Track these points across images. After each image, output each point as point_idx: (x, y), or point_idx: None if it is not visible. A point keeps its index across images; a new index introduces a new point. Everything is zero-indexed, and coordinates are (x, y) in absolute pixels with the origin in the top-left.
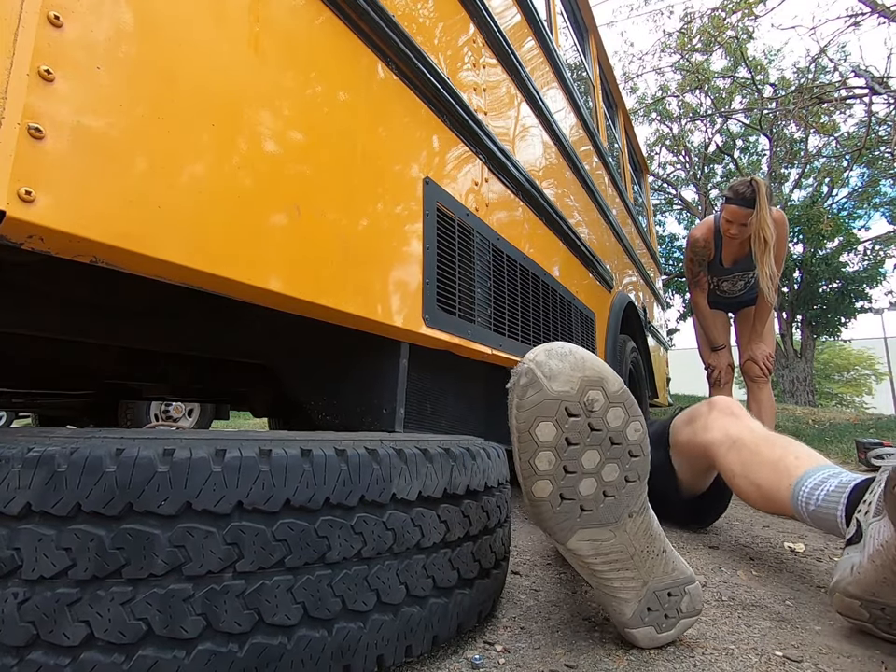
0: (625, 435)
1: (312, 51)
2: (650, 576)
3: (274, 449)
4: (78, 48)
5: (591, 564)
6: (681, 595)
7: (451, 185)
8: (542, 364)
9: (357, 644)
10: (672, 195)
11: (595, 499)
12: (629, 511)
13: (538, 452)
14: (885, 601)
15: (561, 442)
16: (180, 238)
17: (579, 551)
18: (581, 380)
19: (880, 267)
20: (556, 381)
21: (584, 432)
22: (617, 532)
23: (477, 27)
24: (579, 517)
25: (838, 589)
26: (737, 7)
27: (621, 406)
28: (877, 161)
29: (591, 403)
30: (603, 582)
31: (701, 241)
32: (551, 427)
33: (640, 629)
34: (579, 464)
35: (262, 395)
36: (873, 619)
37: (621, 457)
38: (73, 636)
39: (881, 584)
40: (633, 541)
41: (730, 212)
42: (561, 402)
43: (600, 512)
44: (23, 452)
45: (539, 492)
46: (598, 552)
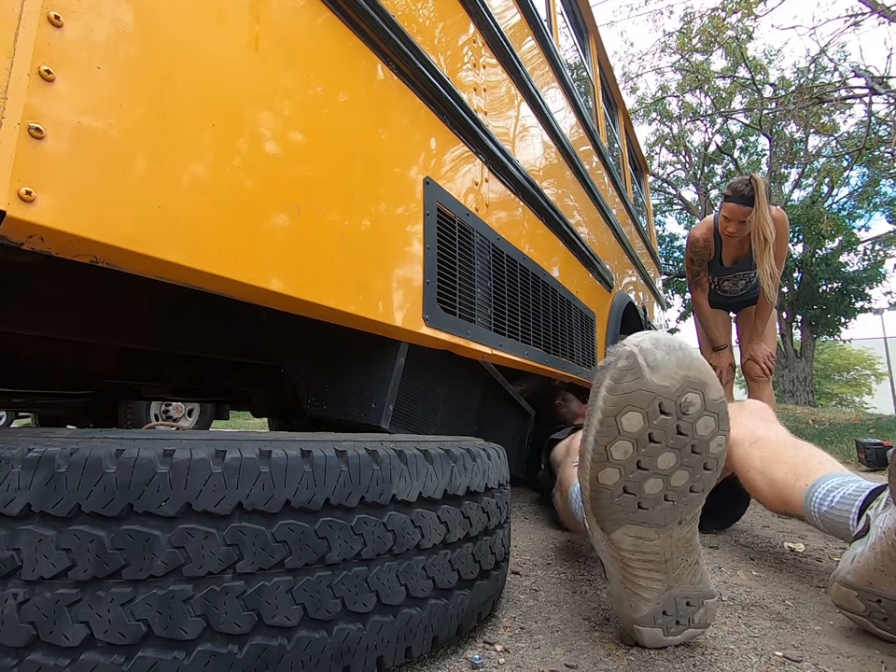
0: (708, 446)
1: (312, 51)
2: (676, 582)
3: (274, 450)
4: (79, 48)
5: (626, 558)
6: (698, 607)
7: (451, 185)
8: (647, 352)
9: (357, 645)
10: (672, 195)
11: (654, 500)
12: (681, 518)
13: (617, 440)
14: (881, 591)
15: (644, 437)
16: (181, 238)
17: (620, 543)
18: (684, 379)
19: (880, 267)
20: (658, 373)
21: (670, 433)
22: (662, 535)
23: (477, 27)
24: (633, 513)
25: (837, 579)
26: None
27: (714, 416)
28: (877, 161)
29: (686, 406)
30: (629, 577)
31: (701, 240)
32: (639, 418)
33: (649, 629)
34: (653, 462)
35: (262, 395)
36: (868, 611)
37: (695, 466)
38: (73, 636)
39: (879, 573)
40: (673, 547)
41: (728, 209)
42: (657, 397)
43: (655, 513)
44: (23, 452)
45: (604, 479)
46: (638, 549)
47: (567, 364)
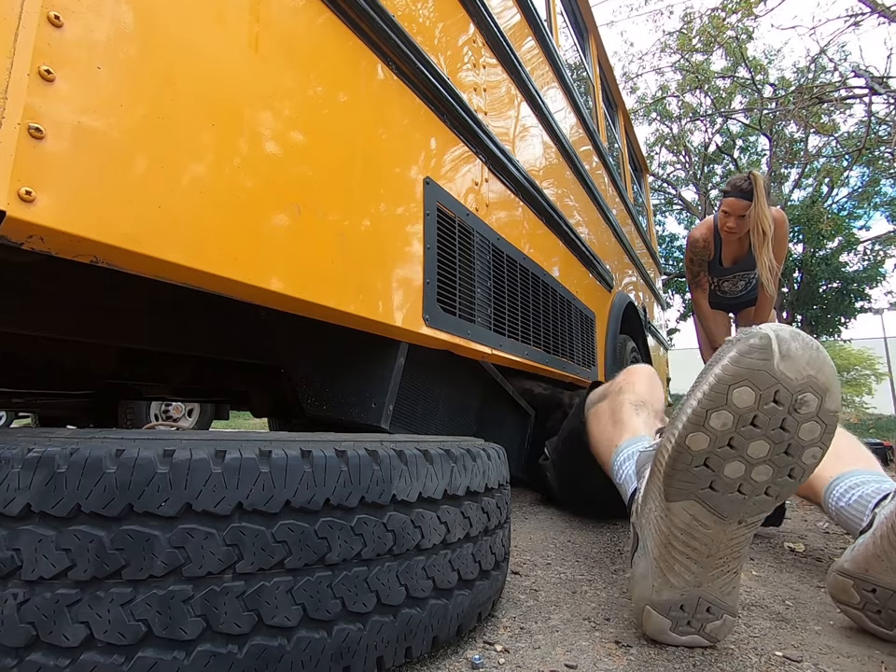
0: (803, 452)
1: (312, 51)
2: (708, 583)
3: (274, 450)
4: (79, 47)
5: (673, 535)
6: (716, 618)
7: (451, 185)
8: (783, 340)
9: (357, 645)
10: (672, 195)
11: (728, 486)
12: (744, 517)
13: (720, 409)
14: (876, 579)
15: (748, 416)
16: (181, 238)
17: (675, 516)
18: (809, 378)
19: (880, 267)
20: (786, 362)
21: (774, 424)
22: (718, 527)
23: (477, 27)
24: (702, 489)
25: (835, 568)
26: (737, 7)
27: (823, 426)
28: (877, 161)
29: (801, 404)
30: (666, 557)
31: (700, 241)
32: (752, 396)
33: (660, 616)
34: (745, 446)
35: (262, 395)
36: (863, 603)
37: (781, 467)
38: (72, 637)
39: (875, 558)
40: (722, 545)
41: (728, 204)
42: (777, 383)
43: (723, 501)
44: (23, 452)
45: (692, 443)
46: (689, 530)
47: (567, 364)
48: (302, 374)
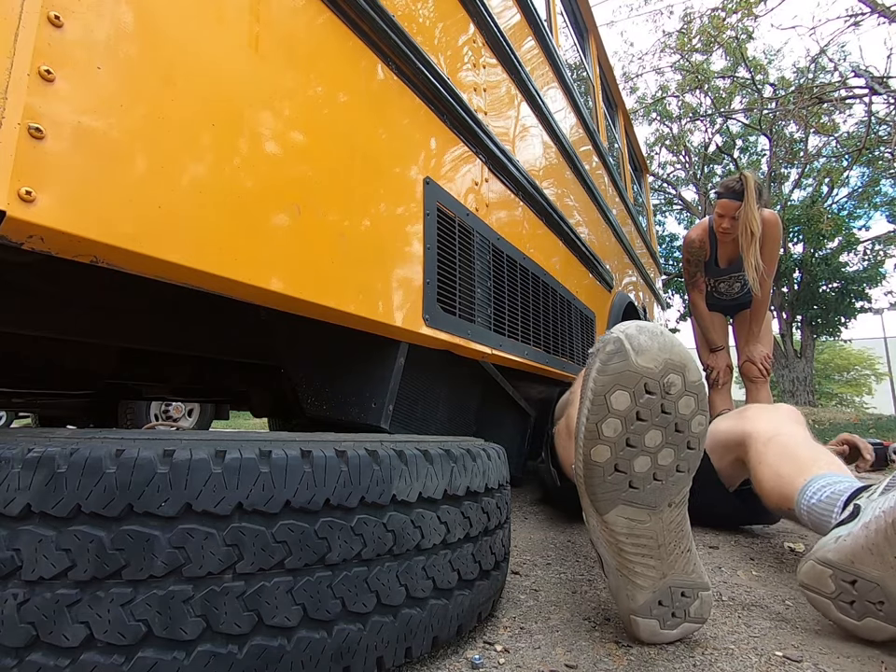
0: (690, 425)
1: (312, 52)
2: (670, 570)
3: (274, 450)
4: (79, 47)
5: (620, 542)
6: (693, 599)
7: (451, 185)
8: (632, 337)
9: (357, 646)
10: (672, 195)
11: (644, 479)
12: (671, 500)
13: (607, 418)
14: (860, 572)
15: (631, 415)
16: (181, 238)
17: (614, 525)
18: (666, 361)
19: (880, 267)
20: (643, 356)
21: (655, 411)
22: (654, 517)
23: (477, 27)
24: (625, 492)
25: (813, 557)
26: (737, 7)
27: (694, 397)
28: (877, 161)
29: (669, 386)
30: (625, 563)
31: (696, 241)
32: (626, 397)
33: (646, 619)
34: (641, 440)
35: (262, 395)
36: (837, 593)
37: (679, 445)
38: (72, 637)
39: (866, 551)
40: (665, 531)
41: (721, 206)
42: (642, 377)
43: (645, 493)
44: (23, 452)
45: (596, 456)
46: (631, 532)
47: (567, 364)
48: (302, 374)
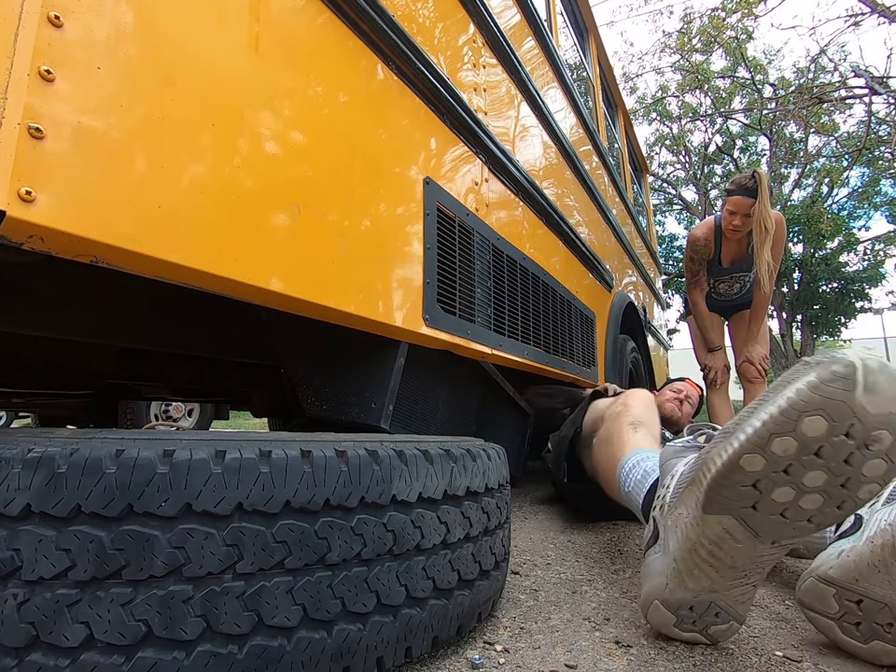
0: (859, 488)
1: (312, 52)
2: (724, 591)
3: (274, 450)
4: (79, 47)
5: (700, 543)
6: (722, 623)
7: (451, 185)
8: (870, 370)
9: (357, 646)
10: (672, 195)
11: (772, 509)
12: (779, 540)
13: (786, 435)
14: (866, 590)
15: (812, 447)
16: (181, 238)
17: (708, 528)
18: (890, 415)
19: (880, 267)
20: (869, 396)
21: (839, 457)
22: (749, 544)
23: (477, 27)
24: (744, 508)
25: (815, 574)
26: (737, 7)
27: (889, 466)
28: (877, 161)
29: (874, 441)
30: (688, 561)
31: (702, 239)
32: (823, 427)
33: (667, 612)
34: (802, 474)
35: (262, 395)
36: (841, 613)
37: (832, 499)
38: (72, 637)
39: (872, 568)
40: (748, 560)
41: (733, 202)
42: (853, 417)
43: (762, 521)
44: (24, 453)
45: (746, 463)
46: (719, 542)
47: (567, 364)
48: (302, 374)
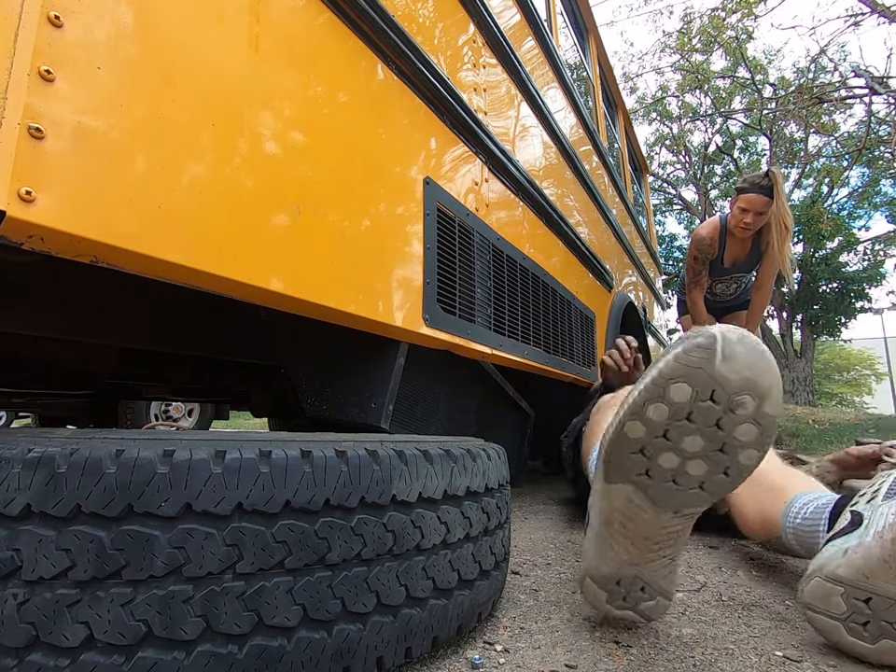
0: (738, 452)
1: (312, 52)
2: (644, 564)
3: (274, 450)
4: (79, 47)
5: (611, 515)
6: (650, 598)
7: (451, 185)
8: (728, 341)
9: (357, 646)
10: (672, 195)
11: (662, 475)
12: (679, 509)
13: (657, 402)
14: (876, 588)
15: (683, 412)
16: (181, 238)
17: (614, 497)
18: (748, 380)
19: (880, 267)
20: (727, 364)
21: (710, 421)
22: (653, 513)
23: (477, 27)
24: (638, 475)
25: (822, 573)
26: (737, 7)
27: (759, 428)
28: (877, 161)
29: (737, 405)
30: (605, 534)
31: (707, 239)
32: (688, 393)
33: (597, 588)
34: (680, 439)
35: (262, 395)
36: (848, 613)
37: (716, 465)
38: (72, 637)
39: (881, 563)
40: (657, 531)
41: (747, 200)
42: (714, 383)
43: (658, 489)
44: (23, 453)
45: (629, 430)
46: (626, 513)
47: (567, 364)
48: (302, 374)
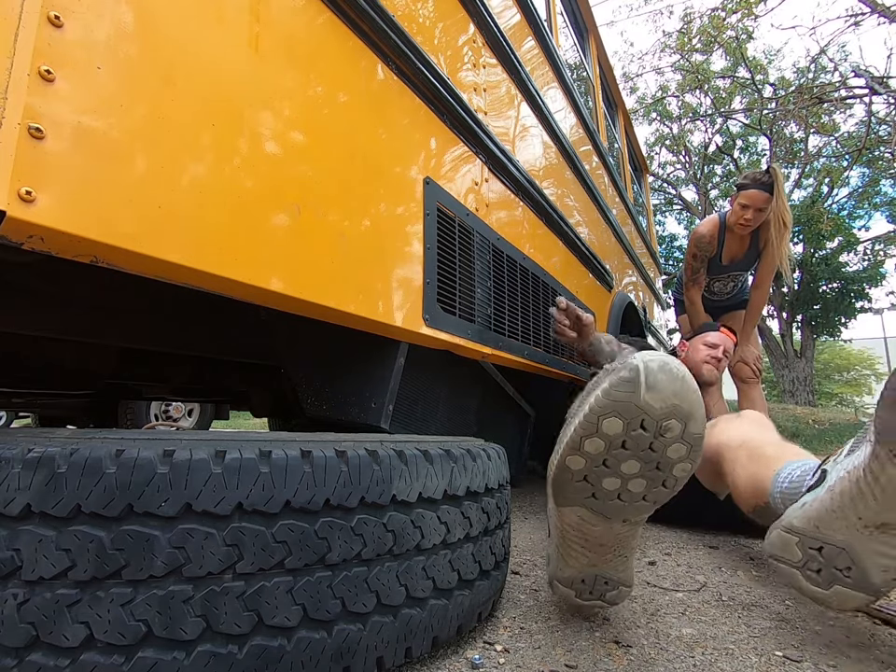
0: (672, 468)
1: (312, 52)
2: (602, 564)
3: (274, 450)
4: (79, 47)
5: (566, 531)
6: (613, 588)
7: (451, 185)
8: (650, 372)
9: (357, 646)
10: (672, 195)
11: (608, 495)
12: (627, 518)
13: (593, 436)
14: (826, 536)
15: (617, 441)
16: (181, 238)
17: (566, 518)
18: (673, 406)
19: (880, 267)
20: (652, 393)
21: (642, 446)
22: (604, 525)
23: (477, 27)
24: (586, 498)
25: (779, 525)
26: (737, 7)
27: (688, 446)
28: (877, 161)
29: (666, 430)
30: (564, 545)
31: (707, 236)
32: (619, 426)
33: (565, 588)
34: (618, 465)
35: (262, 395)
36: (804, 560)
37: (654, 480)
38: (72, 637)
39: (831, 514)
40: (610, 538)
41: (747, 196)
42: (643, 413)
43: (605, 506)
44: (24, 453)
45: (571, 463)
46: (579, 529)
47: (567, 364)
48: (302, 374)
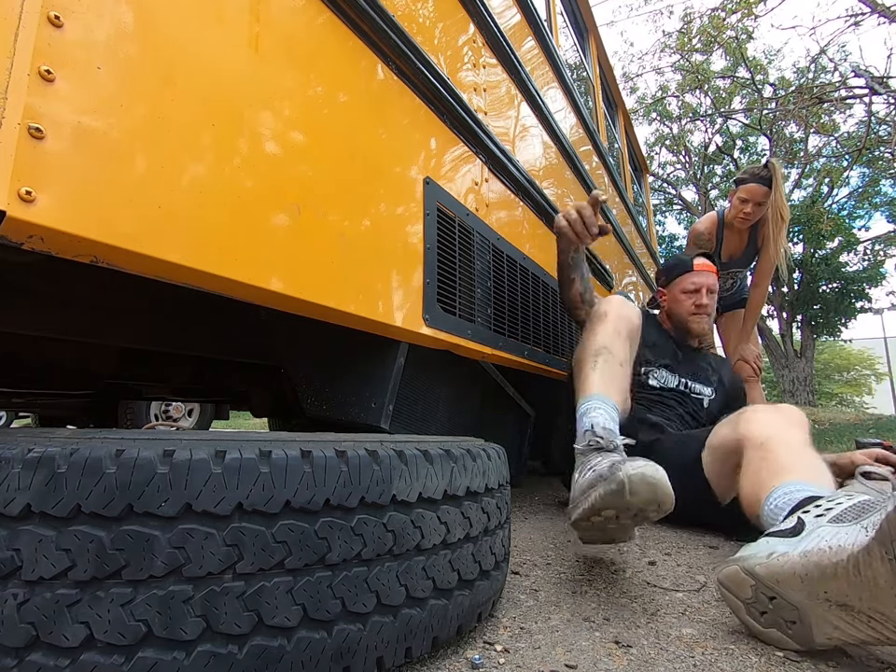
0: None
1: (312, 52)
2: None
3: (274, 450)
4: (79, 47)
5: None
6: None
7: (451, 185)
8: (635, 483)
9: (357, 646)
10: (672, 195)
11: (609, 531)
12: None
13: (595, 517)
14: (783, 593)
15: (613, 516)
16: (181, 238)
17: (584, 533)
18: (649, 501)
19: (880, 267)
20: (635, 497)
21: (630, 517)
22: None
23: (477, 27)
24: (594, 533)
25: (740, 563)
26: (737, 7)
27: (661, 514)
28: (877, 161)
29: (645, 511)
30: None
31: (705, 234)
32: (613, 513)
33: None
34: (615, 522)
35: (262, 395)
36: (752, 600)
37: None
38: (72, 637)
39: (797, 579)
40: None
41: (747, 190)
42: (628, 506)
43: (606, 535)
44: (23, 453)
45: (582, 525)
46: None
47: (568, 364)
48: (302, 374)
